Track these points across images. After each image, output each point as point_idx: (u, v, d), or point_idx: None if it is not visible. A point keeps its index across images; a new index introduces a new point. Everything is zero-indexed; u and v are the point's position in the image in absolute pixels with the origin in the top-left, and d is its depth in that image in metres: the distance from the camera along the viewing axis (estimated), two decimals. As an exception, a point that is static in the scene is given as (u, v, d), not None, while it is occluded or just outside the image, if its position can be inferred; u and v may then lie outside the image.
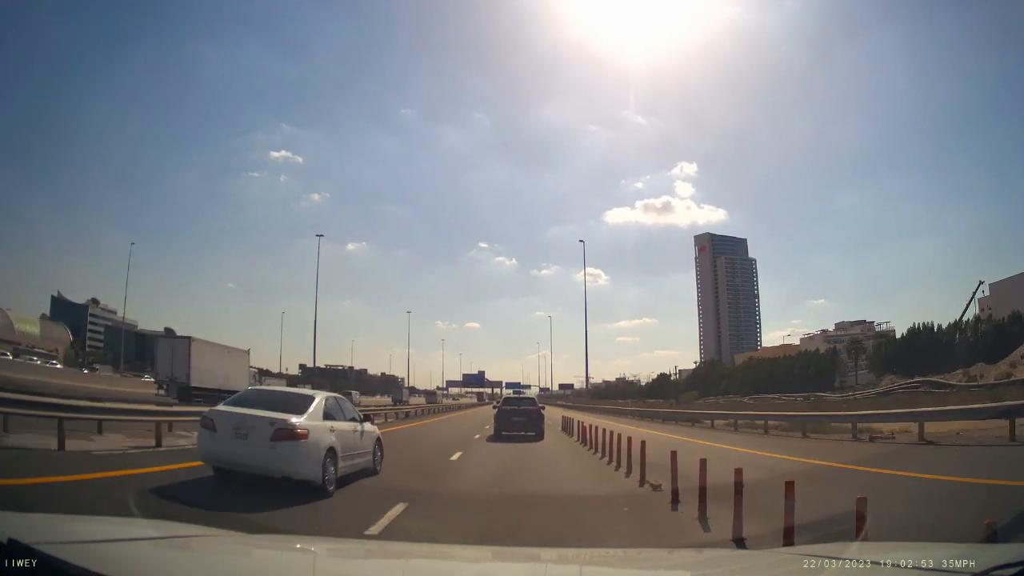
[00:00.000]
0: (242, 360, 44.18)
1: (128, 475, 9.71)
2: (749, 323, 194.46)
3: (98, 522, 3.19)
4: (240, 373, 42.07)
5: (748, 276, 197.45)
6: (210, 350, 39.74)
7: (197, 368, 36.89)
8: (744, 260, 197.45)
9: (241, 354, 44.76)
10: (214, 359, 39.28)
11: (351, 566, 3.02)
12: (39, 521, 2.68)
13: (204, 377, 37.07)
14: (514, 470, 13.92)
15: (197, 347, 38.19)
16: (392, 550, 3.68)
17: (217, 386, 37.57)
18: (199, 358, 37.50)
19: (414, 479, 11.17)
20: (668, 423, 38.69)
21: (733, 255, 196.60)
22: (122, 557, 2.16)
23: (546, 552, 4.29)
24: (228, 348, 43.19)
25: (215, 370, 38.56)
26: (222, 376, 38.98)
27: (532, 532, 7.04)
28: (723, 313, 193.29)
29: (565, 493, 10.52)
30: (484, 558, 3.58)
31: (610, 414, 55.39)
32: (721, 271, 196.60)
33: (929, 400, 28.27)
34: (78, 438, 13.29)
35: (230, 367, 40.95)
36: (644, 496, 9.52)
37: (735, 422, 30.72)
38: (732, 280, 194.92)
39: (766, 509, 6.41)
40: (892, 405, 28.71)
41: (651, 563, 3.52)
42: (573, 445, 20.83)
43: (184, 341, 38.41)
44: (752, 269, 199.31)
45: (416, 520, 7.38)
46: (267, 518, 6.92)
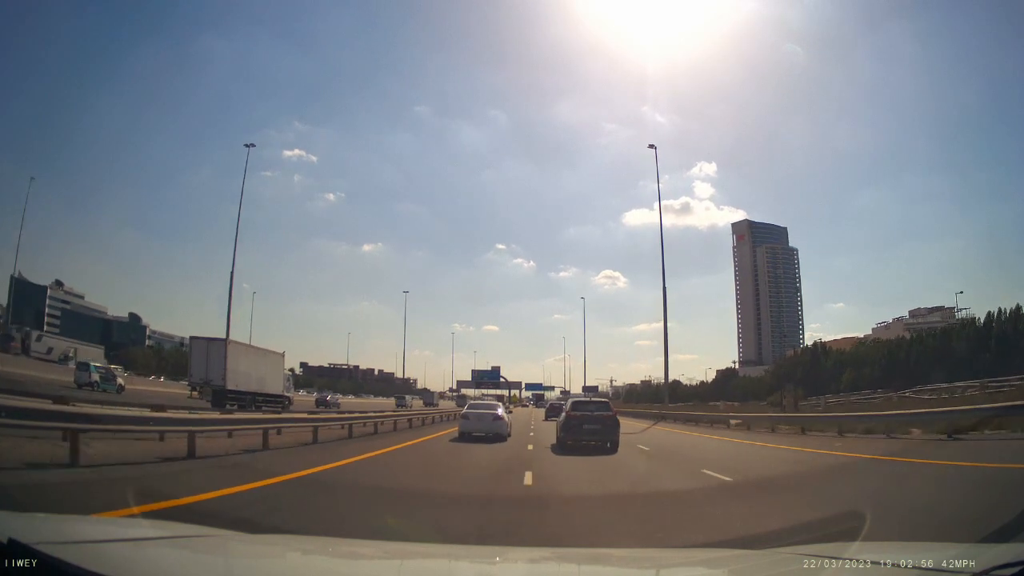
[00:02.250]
0: (277, 363, 43.16)
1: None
2: (792, 318, 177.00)
3: (98, 522, 3.20)
4: (275, 376, 41.42)
5: (790, 267, 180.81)
6: (245, 352, 38.87)
7: (233, 371, 35.95)
8: (785, 250, 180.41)
9: (276, 356, 43.68)
10: (249, 362, 38.35)
11: (351, 566, 3.02)
12: (39, 521, 2.69)
13: (240, 380, 36.39)
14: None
15: (233, 350, 37.21)
16: (392, 550, 3.68)
17: (253, 389, 37.58)
18: (235, 361, 36.50)
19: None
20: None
21: (775, 244, 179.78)
22: (122, 557, 2.16)
23: (546, 552, 4.29)
24: (264, 351, 42.28)
25: (251, 372, 37.90)
26: (257, 379, 38.50)
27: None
28: (764, 307, 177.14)
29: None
30: (484, 558, 3.58)
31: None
32: (762, 261, 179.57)
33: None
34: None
35: (265, 369, 40.13)
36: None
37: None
38: (774, 271, 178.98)
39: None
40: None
41: (651, 563, 3.52)
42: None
43: (220, 343, 36.87)
44: (794, 259, 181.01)
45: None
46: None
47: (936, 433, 19.19)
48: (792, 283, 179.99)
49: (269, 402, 38.88)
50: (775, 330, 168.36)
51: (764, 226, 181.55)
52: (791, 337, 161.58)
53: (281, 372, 43.77)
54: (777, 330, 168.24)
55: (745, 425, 33.84)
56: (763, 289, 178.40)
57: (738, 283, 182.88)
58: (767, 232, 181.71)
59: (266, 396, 39.24)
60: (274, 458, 13.76)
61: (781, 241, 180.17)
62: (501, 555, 3.81)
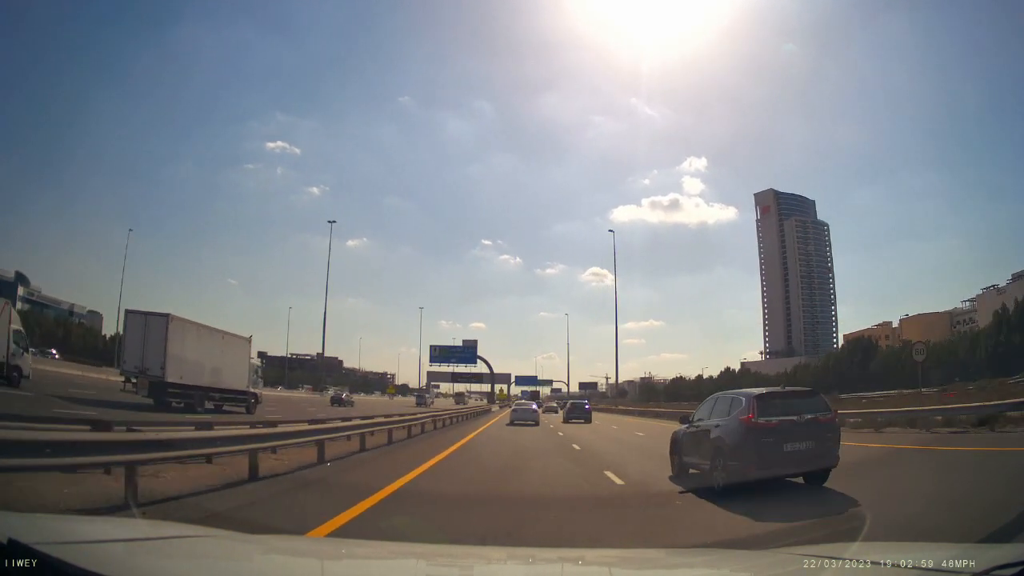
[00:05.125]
0: (240, 350, 33.81)
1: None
2: (824, 303, 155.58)
3: (98, 522, 3.21)
4: (237, 366, 32.77)
5: (820, 244, 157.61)
6: (195, 334, 29.78)
7: (177, 358, 27.48)
8: (815, 224, 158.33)
9: (238, 342, 34.16)
10: (202, 347, 29.79)
11: (351, 566, 3.03)
12: (39, 521, 2.69)
13: (186, 371, 28.03)
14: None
15: (177, 329, 28.09)
16: (392, 550, 3.68)
17: (206, 383, 29.51)
18: (179, 344, 27.87)
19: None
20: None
21: (804, 217, 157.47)
22: (122, 557, 2.16)
23: (546, 552, 4.29)
24: (222, 333, 32.56)
25: (204, 361, 29.55)
26: (212, 369, 30.11)
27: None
28: (794, 290, 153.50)
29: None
30: (484, 558, 3.58)
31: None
32: (791, 237, 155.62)
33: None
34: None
35: (224, 358, 31.29)
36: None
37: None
38: (804, 248, 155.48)
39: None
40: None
41: (651, 563, 3.52)
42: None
43: (160, 319, 27.66)
44: (824, 235, 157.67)
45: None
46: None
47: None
48: (823, 262, 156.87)
49: (229, 400, 31.50)
50: (807, 314, 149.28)
51: (791, 197, 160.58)
52: (824, 324, 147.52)
53: (246, 362, 34.25)
54: (809, 316, 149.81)
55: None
56: (792, 268, 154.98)
57: (763, 262, 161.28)
58: (794, 204, 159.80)
59: (224, 392, 31.24)
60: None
61: (810, 215, 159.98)
62: (501, 555, 3.81)
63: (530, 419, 37.14)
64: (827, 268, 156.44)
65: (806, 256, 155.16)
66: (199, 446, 9.58)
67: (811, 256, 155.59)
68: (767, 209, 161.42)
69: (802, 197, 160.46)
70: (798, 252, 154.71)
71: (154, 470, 9.32)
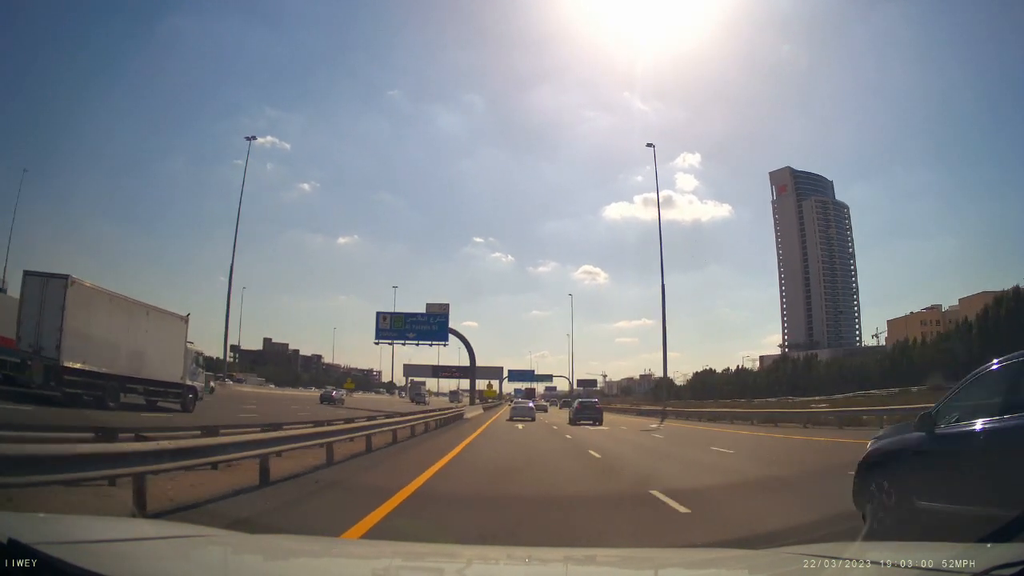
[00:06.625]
0: (173, 331, 26.95)
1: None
2: (847, 291, 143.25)
3: (98, 522, 3.20)
4: (169, 352, 26.15)
5: (842, 227, 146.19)
6: (108, 306, 23.24)
7: (79, 334, 21.15)
8: (836, 205, 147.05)
9: (172, 321, 27.18)
10: (117, 323, 23.32)
11: (351, 566, 3.03)
12: (39, 521, 2.69)
13: (92, 353, 21.71)
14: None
15: (80, 296, 21.55)
16: (392, 550, 3.68)
17: (123, 370, 23.18)
18: (83, 317, 21.45)
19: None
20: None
21: (823, 197, 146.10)
22: (122, 557, 2.16)
23: (546, 552, 4.29)
24: (147, 308, 25.64)
25: (119, 341, 23.18)
26: (132, 353, 23.74)
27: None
28: (815, 276, 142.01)
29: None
30: (484, 558, 3.58)
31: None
32: (810, 219, 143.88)
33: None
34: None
35: (151, 340, 24.83)
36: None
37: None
38: (825, 231, 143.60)
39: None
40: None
41: (651, 563, 3.52)
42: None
43: (58, 283, 21.22)
44: (845, 217, 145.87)
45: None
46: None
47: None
48: (844, 247, 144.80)
49: (157, 394, 25.89)
50: (829, 305, 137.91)
51: (809, 176, 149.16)
52: (847, 315, 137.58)
53: (181, 348, 27.28)
54: (831, 305, 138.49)
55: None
56: (812, 253, 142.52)
57: (780, 247, 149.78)
58: (813, 183, 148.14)
59: (150, 384, 25.23)
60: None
61: (828, 195, 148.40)
62: (500, 555, 3.81)
63: (527, 416, 45.33)
64: (849, 253, 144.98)
65: (827, 240, 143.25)
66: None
67: (832, 240, 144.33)
68: (784, 189, 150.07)
69: (820, 176, 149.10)
70: (819, 235, 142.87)
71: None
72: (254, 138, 49.43)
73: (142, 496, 7.32)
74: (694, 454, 17.45)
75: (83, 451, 7.08)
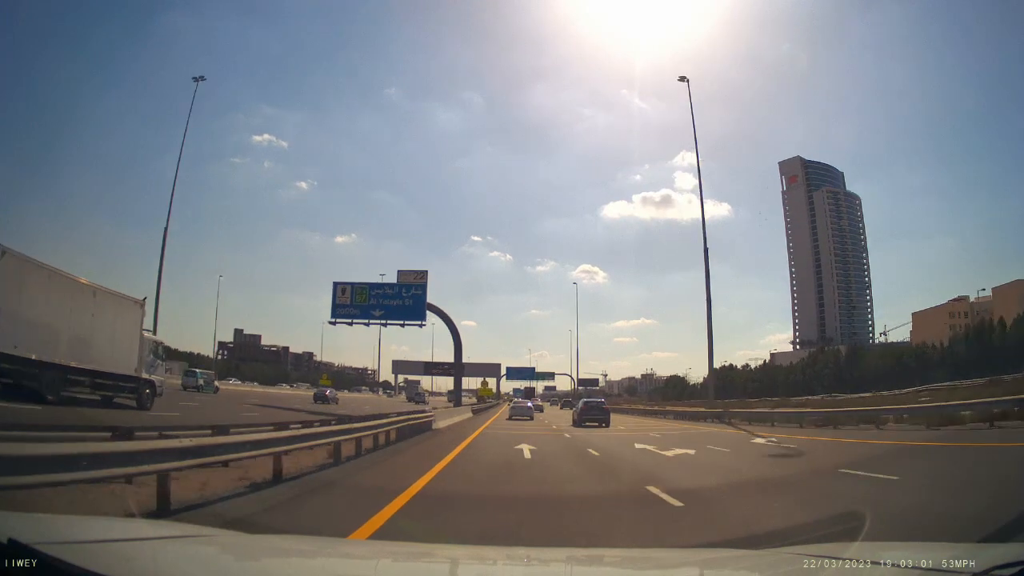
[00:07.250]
0: (126, 316, 23.54)
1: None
2: (860, 286, 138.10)
3: (98, 522, 3.20)
4: (121, 340, 22.84)
5: (854, 219, 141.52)
6: (46, 284, 19.40)
7: (9, 315, 17.51)
8: (848, 197, 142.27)
9: (125, 305, 23.67)
10: (57, 304, 19.64)
11: (351, 566, 3.03)
12: (39, 521, 2.69)
13: (24, 337, 17.97)
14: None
15: (13, 270, 17.85)
16: (392, 550, 3.68)
17: (63, 359, 19.64)
18: (14, 295, 17.87)
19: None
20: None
21: (836, 188, 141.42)
22: (122, 557, 2.16)
23: (546, 552, 4.29)
24: (94, 289, 21.80)
25: (59, 325, 19.69)
26: (75, 339, 20.32)
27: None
28: (827, 271, 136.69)
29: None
30: (484, 558, 3.58)
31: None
32: (821, 210, 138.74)
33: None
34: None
35: (99, 326, 21.48)
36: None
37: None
38: (837, 223, 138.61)
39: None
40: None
41: (651, 563, 3.52)
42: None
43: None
44: (857, 209, 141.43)
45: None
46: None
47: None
48: (857, 240, 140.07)
49: (107, 388, 22.37)
50: (842, 300, 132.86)
51: (820, 166, 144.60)
52: (860, 310, 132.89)
53: (136, 336, 24.02)
54: (844, 300, 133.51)
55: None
56: (824, 246, 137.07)
57: (791, 239, 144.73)
58: (824, 174, 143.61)
59: (97, 376, 21.65)
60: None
61: (840, 186, 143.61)
62: (501, 555, 3.80)
63: (526, 415, 46.63)
64: (861, 246, 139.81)
65: (840, 232, 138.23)
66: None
67: (845, 232, 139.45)
68: (794, 179, 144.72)
69: (830, 167, 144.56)
70: (830, 227, 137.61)
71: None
72: (202, 78, 44.57)
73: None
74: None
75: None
